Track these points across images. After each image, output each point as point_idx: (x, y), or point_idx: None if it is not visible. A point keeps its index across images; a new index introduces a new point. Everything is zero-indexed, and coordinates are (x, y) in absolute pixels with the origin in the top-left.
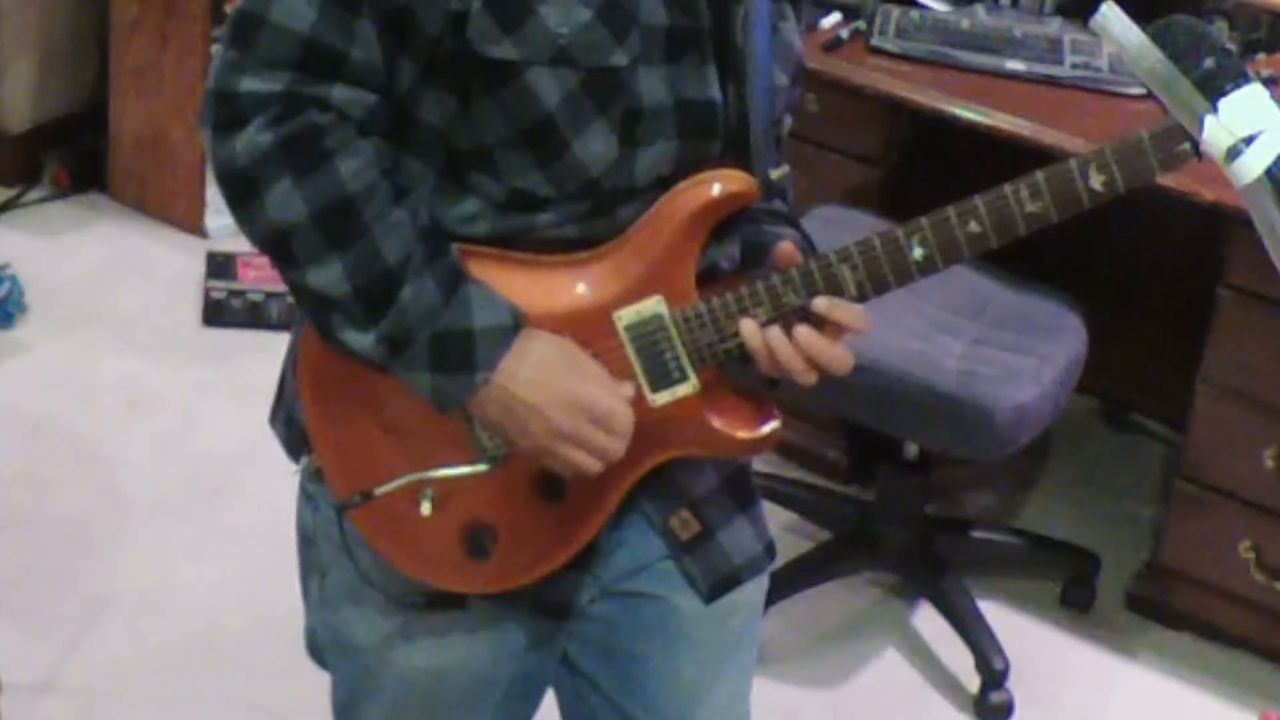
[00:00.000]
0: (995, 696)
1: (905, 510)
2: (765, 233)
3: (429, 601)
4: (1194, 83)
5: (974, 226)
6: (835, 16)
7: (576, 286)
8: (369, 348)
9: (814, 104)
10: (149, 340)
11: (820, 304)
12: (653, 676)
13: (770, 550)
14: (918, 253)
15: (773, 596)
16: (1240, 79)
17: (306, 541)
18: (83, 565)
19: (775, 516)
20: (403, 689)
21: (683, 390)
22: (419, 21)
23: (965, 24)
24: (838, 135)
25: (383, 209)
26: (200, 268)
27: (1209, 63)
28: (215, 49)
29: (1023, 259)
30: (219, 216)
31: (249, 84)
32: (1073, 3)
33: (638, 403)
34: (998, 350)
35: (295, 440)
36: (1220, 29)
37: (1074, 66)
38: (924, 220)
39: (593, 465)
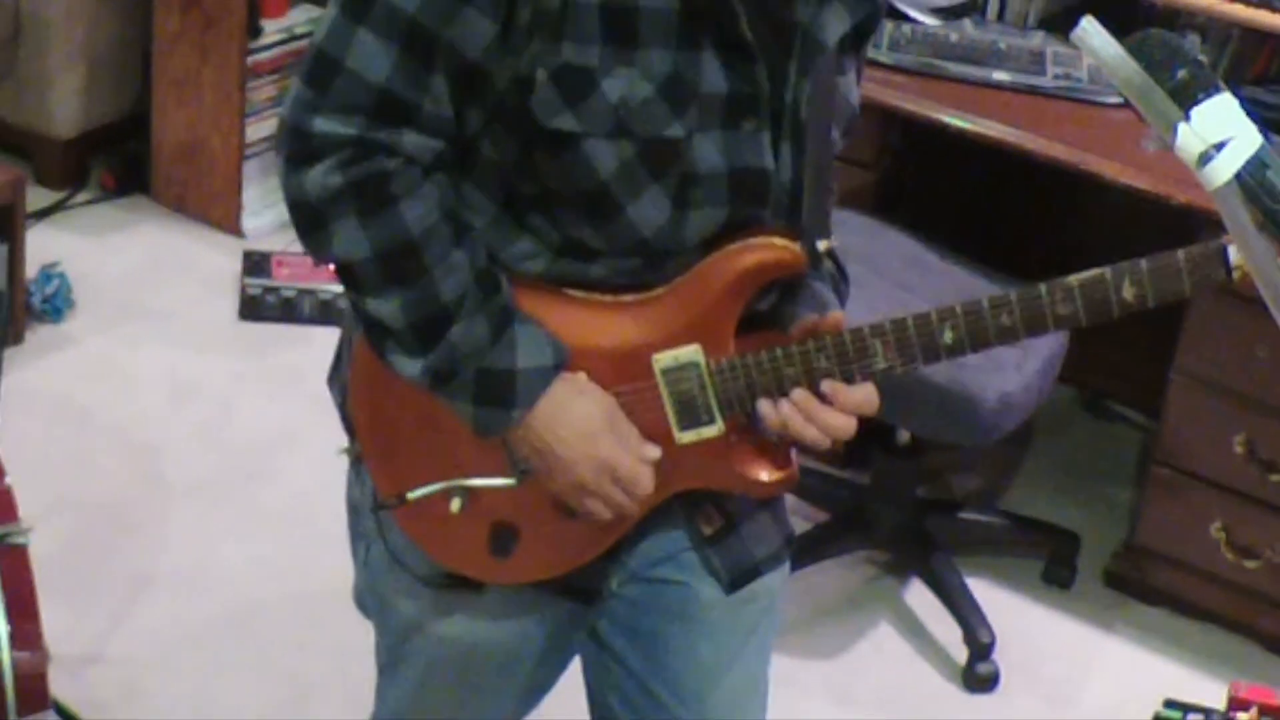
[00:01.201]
0: (982, 667)
1: (898, 493)
2: (815, 289)
3: (456, 584)
4: (1168, 92)
5: (1005, 320)
6: None
7: (622, 327)
8: (416, 375)
9: None
10: (189, 334)
11: (826, 387)
12: (674, 656)
13: (789, 541)
14: (948, 337)
15: None
16: (1211, 89)
17: (354, 511)
18: (126, 545)
19: None
20: (435, 658)
21: (709, 432)
22: (489, 79)
23: (954, 37)
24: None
25: (443, 252)
26: (237, 266)
27: (1182, 74)
28: (291, 83)
29: (1006, 256)
30: (254, 218)
31: (322, 125)
32: (1054, 17)
33: (665, 439)
34: None
35: (347, 408)
36: (1193, 42)
37: (1056, 77)
38: (958, 307)
39: (607, 516)
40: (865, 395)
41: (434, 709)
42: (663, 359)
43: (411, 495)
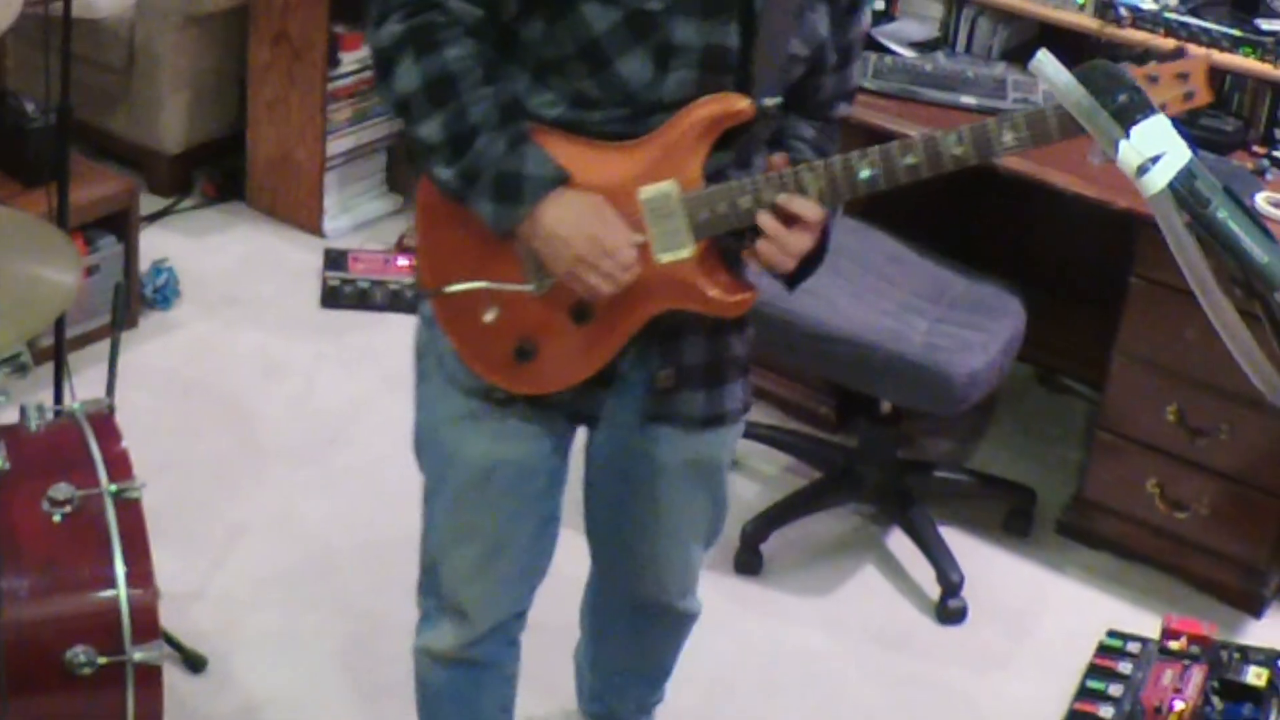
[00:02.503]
0: (953, 603)
1: (880, 455)
2: (789, 146)
3: (490, 399)
4: (1111, 114)
5: (910, 159)
6: None
7: (615, 165)
8: (450, 179)
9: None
10: (277, 319)
11: (782, 199)
12: (638, 485)
13: (713, 421)
14: (865, 173)
15: (773, 523)
16: (1148, 111)
17: (418, 356)
18: (224, 499)
19: (776, 459)
20: (465, 478)
21: (683, 254)
22: None
23: (929, 67)
24: None
25: (474, 85)
26: (319, 261)
27: (1123, 98)
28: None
29: (973, 253)
30: (333, 221)
31: None
32: (1014, 49)
33: (645, 260)
34: (954, 327)
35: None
36: (1131, 71)
37: (1015, 101)
38: (874, 149)
39: (604, 287)
40: (808, 208)
41: (466, 522)
42: (645, 191)
43: (449, 288)
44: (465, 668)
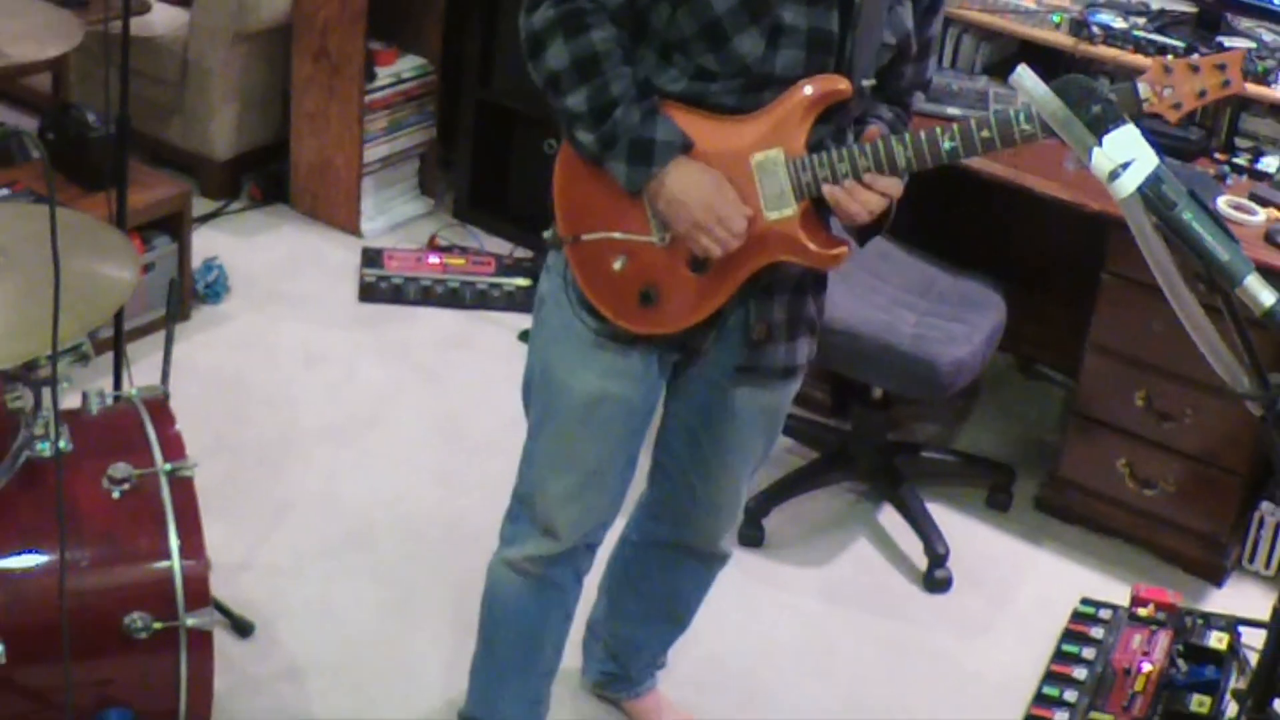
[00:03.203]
0: (938, 573)
1: (872, 437)
2: (880, 120)
3: (613, 338)
4: (1085, 123)
5: (985, 133)
6: None
7: (732, 135)
8: (591, 144)
9: None
10: (319, 313)
11: (868, 177)
12: (715, 428)
13: (789, 371)
14: (947, 145)
15: (775, 499)
16: (1119, 121)
17: (540, 303)
18: (270, 478)
19: (778, 441)
20: (580, 405)
21: (787, 212)
22: None
23: None
24: None
25: (615, 64)
26: (356, 259)
27: (1096, 109)
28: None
29: (958, 252)
30: (370, 222)
31: None
32: (995, 65)
33: (755, 217)
34: (940, 320)
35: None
36: (1104, 84)
37: (996, 111)
38: (954, 125)
39: (715, 250)
40: (892, 182)
41: (571, 450)
42: (756, 157)
43: (585, 236)
44: (538, 586)
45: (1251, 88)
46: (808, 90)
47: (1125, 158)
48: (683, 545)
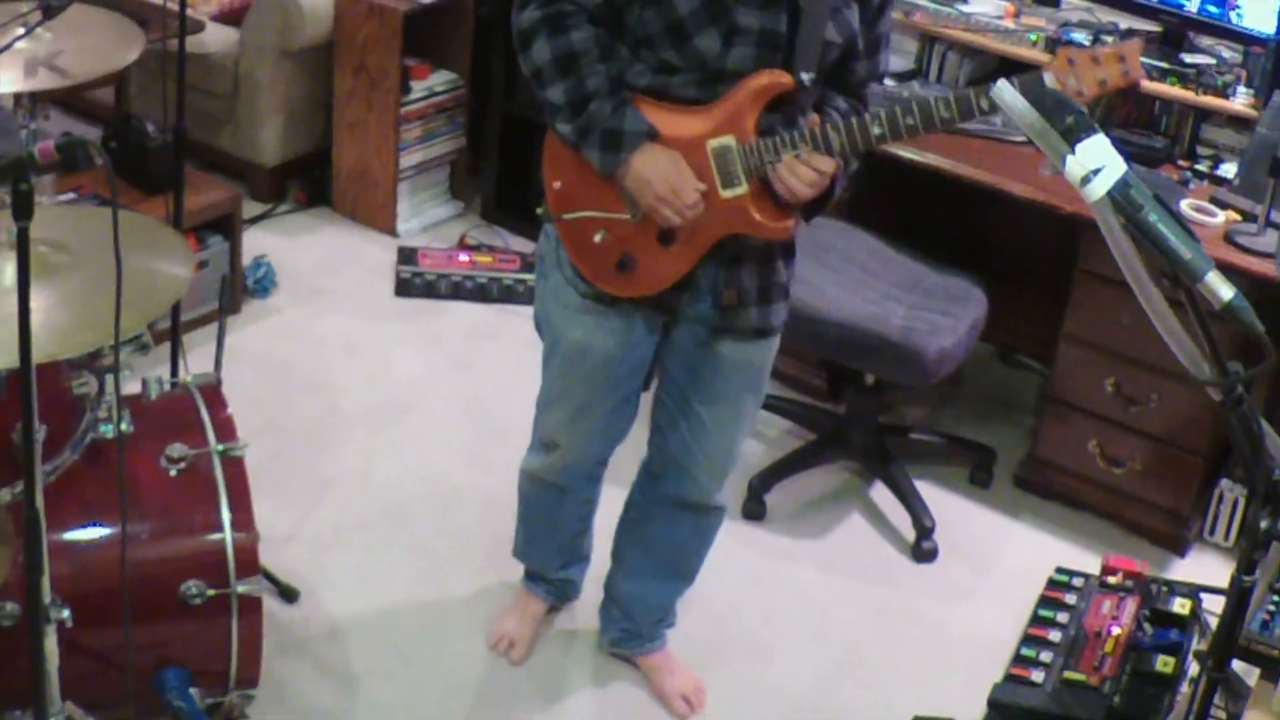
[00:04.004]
0: (925, 544)
1: (865, 419)
2: (826, 112)
3: (597, 299)
4: (1059, 133)
5: (909, 120)
6: None
7: (691, 124)
8: (569, 133)
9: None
10: (358, 306)
11: (805, 154)
12: (702, 384)
13: (763, 331)
14: (876, 130)
15: (776, 477)
16: (1090, 131)
17: (541, 259)
18: (314, 457)
19: (778, 423)
20: (568, 353)
21: (740, 190)
22: None
23: (906, 94)
24: None
25: (591, 61)
26: (393, 257)
27: (1069, 120)
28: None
29: (943, 250)
30: (405, 223)
31: None
32: (978, 79)
33: (712, 194)
34: (927, 313)
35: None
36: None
37: (979, 123)
38: (881, 112)
39: (675, 220)
40: (826, 161)
41: (563, 386)
42: (712, 143)
43: (567, 216)
44: (550, 488)
45: (1212, 100)
46: (755, 84)
47: (1096, 164)
48: (680, 499)
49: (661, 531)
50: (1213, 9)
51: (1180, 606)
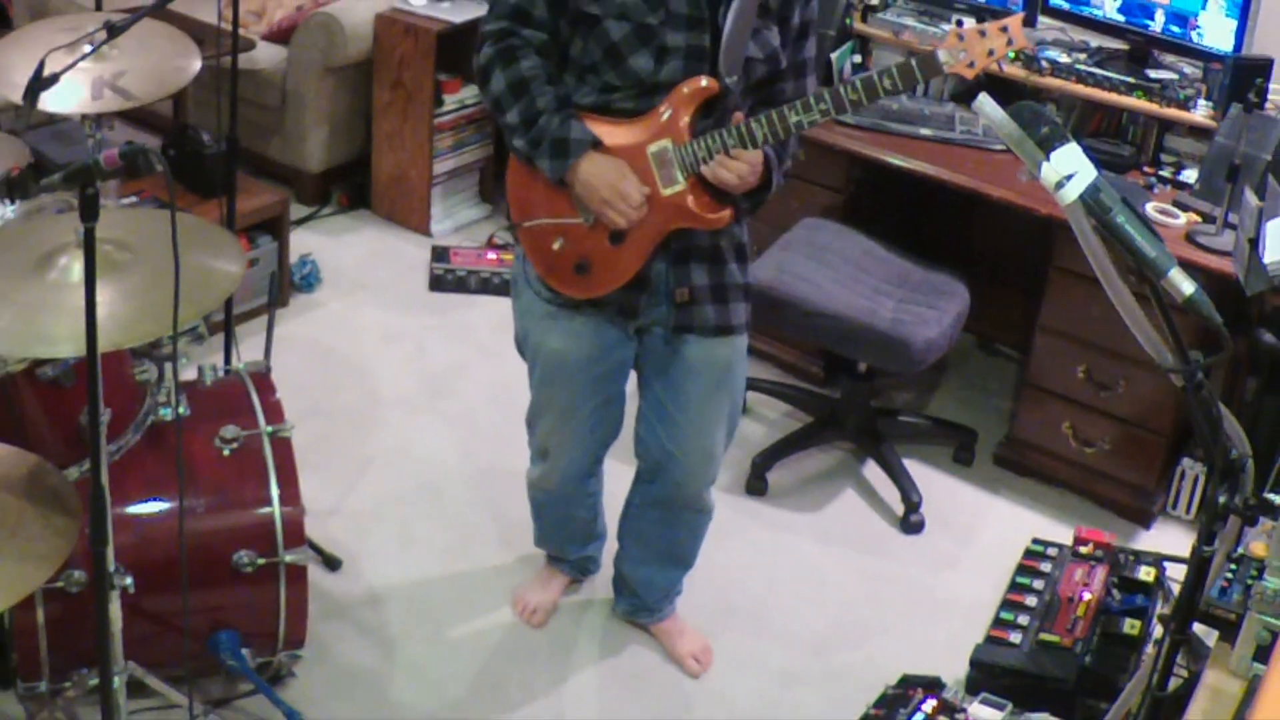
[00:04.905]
0: (913, 517)
1: (858, 403)
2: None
3: (562, 304)
4: (1036, 142)
5: (823, 105)
6: None
7: (631, 132)
8: (523, 147)
9: (803, 155)
10: (396, 300)
11: (735, 150)
12: (672, 384)
13: (723, 330)
14: (793, 118)
15: (776, 456)
16: (1064, 140)
17: (514, 281)
18: (355, 438)
19: (778, 407)
20: (547, 361)
21: (678, 188)
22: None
23: (895, 106)
24: (817, 173)
25: (540, 83)
26: (427, 255)
27: (1045, 130)
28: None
29: (929, 249)
30: (438, 224)
31: (489, 25)
32: (961, 93)
33: (655, 194)
34: (914, 306)
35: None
36: (1051, 109)
37: (962, 132)
38: (798, 101)
39: (620, 221)
40: (752, 154)
41: (548, 394)
42: (652, 147)
43: (527, 224)
44: (552, 492)
45: (1174, 112)
46: (684, 91)
47: (1069, 170)
48: (670, 502)
49: (656, 529)
50: (1175, 29)
51: (1146, 574)
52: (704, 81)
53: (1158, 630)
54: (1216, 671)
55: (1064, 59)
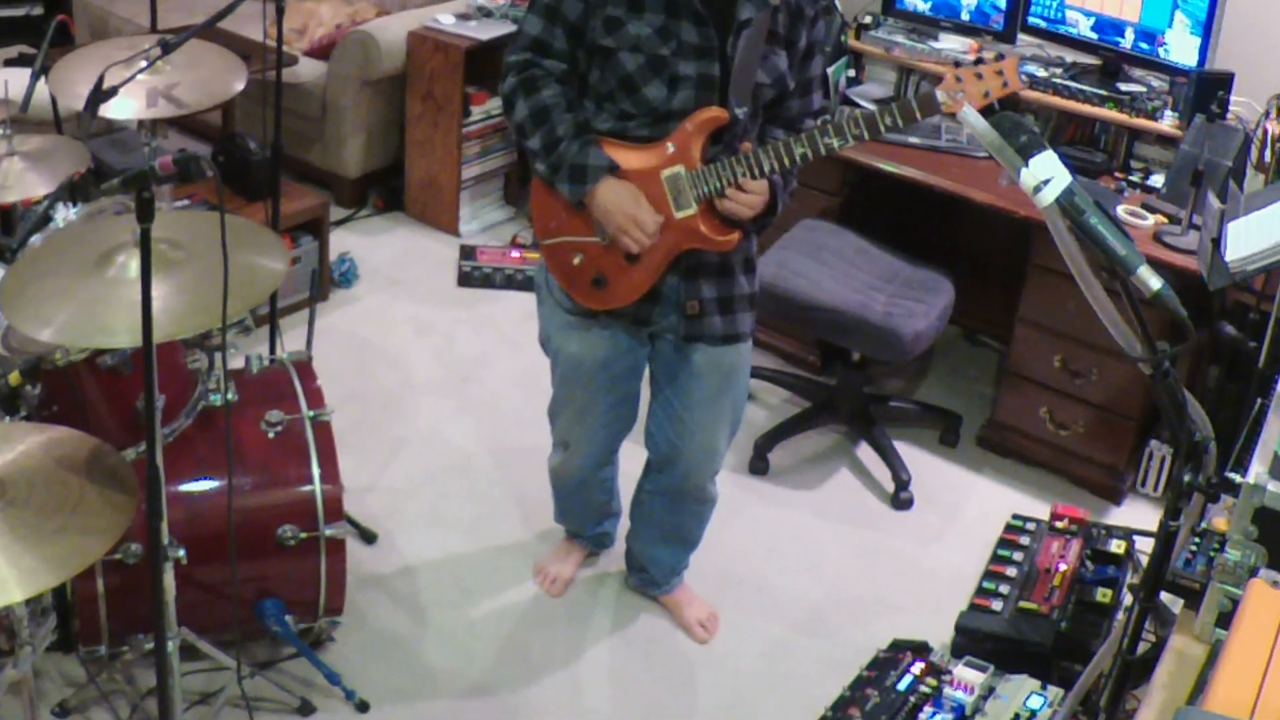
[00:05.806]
0: (903, 495)
1: (852, 390)
2: (774, 139)
3: (579, 314)
4: (1015, 150)
5: (828, 140)
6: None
7: (646, 158)
8: (545, 171)
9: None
10: (426, 294)
11: (743, 181)
12: (680, 387)
13: (730, 339)
14: (799, 150)
15: (777, 438)
16: (1041, 147)
17: (537, 289)
18: (390, 420)
19: (779, 393)
20: (566, 364)
21: (690, 211)
22: (583, 30)
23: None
24: (815, 178)
25: (561, 111)
26: (455, 253)
27: (1024, 138)
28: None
29: (918, 248)
30: (466, 225)
31: (512, 56)
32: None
33: (667, 217)
34: (904, 300)
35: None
36: (1030, 119)
37: (948, 141)
38: (804, 136)
39: (634, 246)
40: (759, 184)
41: (567, 392)
42: (665, 172)
43: (547, 241)
44: (571, 478)
45: (1143, 122)
46: (696, 120)
47: (1046, 176)
48: (677, 491)
49: (664, 514)
50: (1144, 45)
51: (1117, 547)
52: (713, 111)
53: (1128, 599)
54: (1182, 636)
55: (1041, 73)
